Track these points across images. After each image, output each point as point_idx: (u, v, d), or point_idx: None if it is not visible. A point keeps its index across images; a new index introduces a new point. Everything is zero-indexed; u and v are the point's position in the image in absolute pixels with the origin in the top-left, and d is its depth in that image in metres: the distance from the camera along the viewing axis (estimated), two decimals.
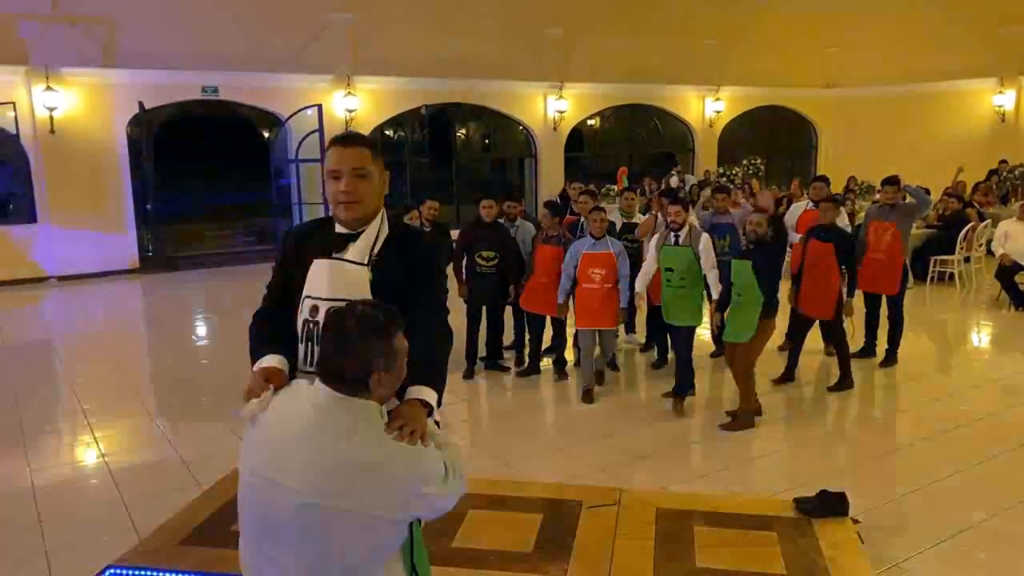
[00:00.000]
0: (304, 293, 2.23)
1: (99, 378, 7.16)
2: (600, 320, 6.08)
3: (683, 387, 5.81)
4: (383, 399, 1.92)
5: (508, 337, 7.18)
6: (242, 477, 1.96)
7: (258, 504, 1.90)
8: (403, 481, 1.85)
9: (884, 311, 6.87)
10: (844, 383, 6.20)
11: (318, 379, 1.89)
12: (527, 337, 6.96)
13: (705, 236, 5.75)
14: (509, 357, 7.15)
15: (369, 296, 2.16)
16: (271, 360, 2.11)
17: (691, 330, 5.82)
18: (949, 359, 7.64)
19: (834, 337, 6.42)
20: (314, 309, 2.20)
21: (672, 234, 5.73)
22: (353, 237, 2.23)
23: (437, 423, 2.09)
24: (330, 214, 2.32)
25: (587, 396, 6.09)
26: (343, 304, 1.92)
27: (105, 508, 4.39)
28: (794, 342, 6.52)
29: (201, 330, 9.65)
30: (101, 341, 8.86)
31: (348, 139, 2.24)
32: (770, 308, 5.28)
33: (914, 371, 6.72)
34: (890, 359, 6.81)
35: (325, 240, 2.26)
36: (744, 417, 5.45)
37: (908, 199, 6.96)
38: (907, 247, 6.91)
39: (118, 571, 3.38)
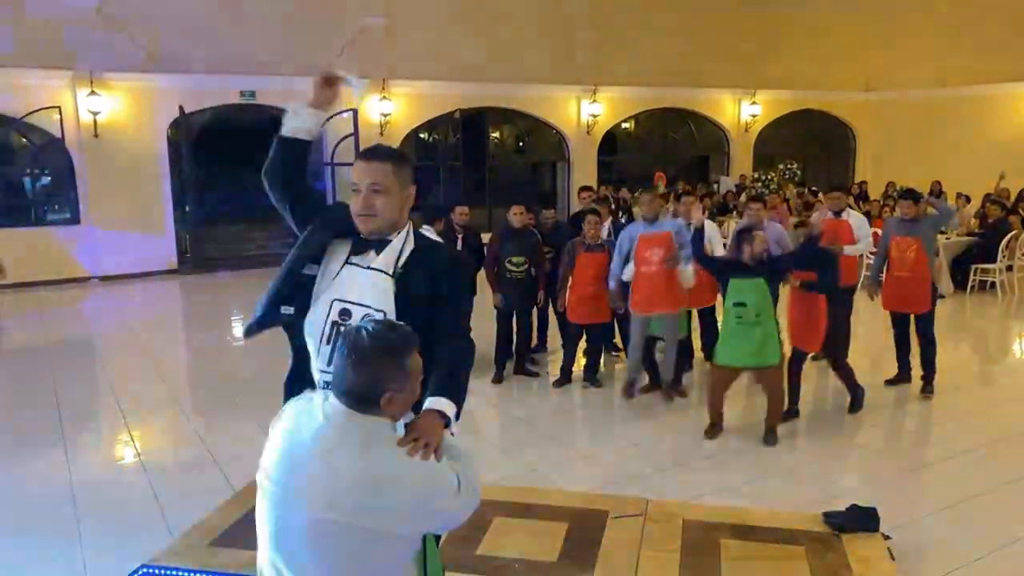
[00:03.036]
0: (332, 295, 2.26)
1: (137, 377, 7.32)
2: (660, 304, 5.84)
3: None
4: (395, 418, 1.94)
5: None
6: (259, 480, 1.99)
7: (273, 511, 1.93)
8: (416, 497, 1.85)
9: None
10: (856, 404, 5.90)
11: (332, 394, 1.92)
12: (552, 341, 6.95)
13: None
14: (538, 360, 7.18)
15: (392, 306, 2.20)
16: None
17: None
18: (988, 370, 7.48)
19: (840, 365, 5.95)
20: (345, 312, 2.23)
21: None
22: (374, 244, 2.28)
23: (452, 433, 2.11)
24: None
25: (629, 389, 6.06)
26: (363, 321, 1.95)
27: (140, 507, 4.49)
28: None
29: (236, 331, 9.80)
30: (139, 340, 9.06)
31: (370, 154, 2.28)
32: None
33: (952, 383, 6.53)
34: (928, 385, 6.29)
35: (348, 237, 2.30)
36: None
37: (930, 211, 6.64)
38: (933, 260, 6.46)
39: (151, 570, 3.46)
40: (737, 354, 5.19)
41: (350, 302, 2.23)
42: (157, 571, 3.46)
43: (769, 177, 15.83)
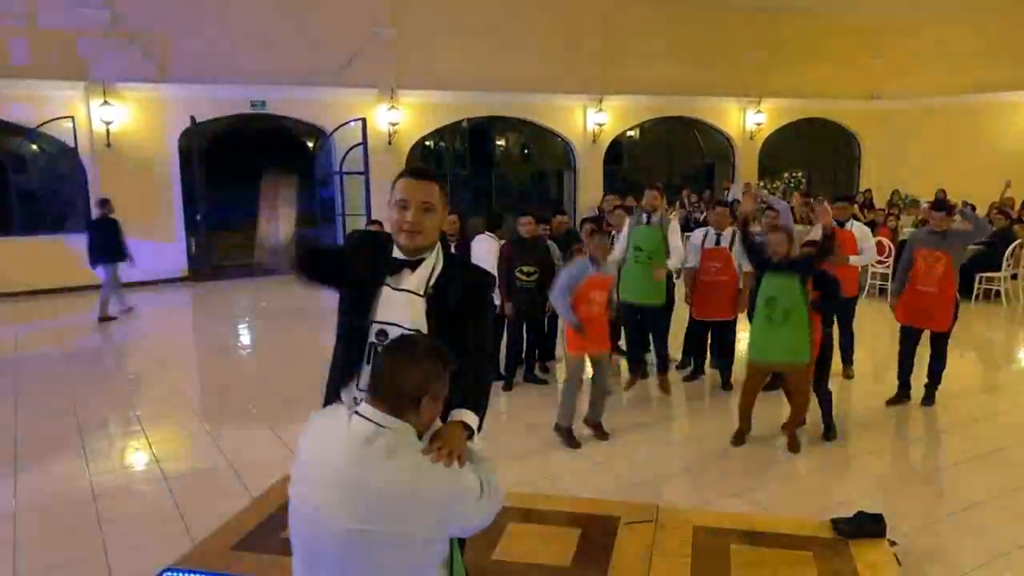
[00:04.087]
0: (370, 318, 2.35)
1: (152, 384, 7.43)
2: (597, 344, 5.64)
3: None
4: (424, 427, 2.01)
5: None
6: (290, 493, 2.06)
7: (304, 525, 2.01)
8: (441, 503, 1.93)
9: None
10: (830, 432, 5.63)
11: (363, 403, 1.98)
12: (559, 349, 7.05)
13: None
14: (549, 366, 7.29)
15: (425, 324, 2.31)
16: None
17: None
18: (993, 378, 7.54)
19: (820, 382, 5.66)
20: (381, 333, 2.33)
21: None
22: (409, 264, 2.36)
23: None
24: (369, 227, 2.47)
25: (569, 437, 5.60)
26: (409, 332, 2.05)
27: (160, 512, 4.58)
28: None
29: (247, 338, 9.91)
30: (152, 347, 9.17)
31: (421, 172, 2.37)
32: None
33: (957, 391, 6.59)
34: (929, 397, 6.23)
35: (384, 261, 2.38)
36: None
37: (961, 223, 6.39)
38: (957, 276, 6.12)
39: (174, 574, 3.55)
40: (768, 350, 5.28)
41: (387, 323, 2.34)
42: (179, 574, 3.55)
43: (774, 185, 15.89)
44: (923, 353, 6.26)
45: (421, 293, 2.34)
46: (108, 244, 10.17)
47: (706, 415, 6.40)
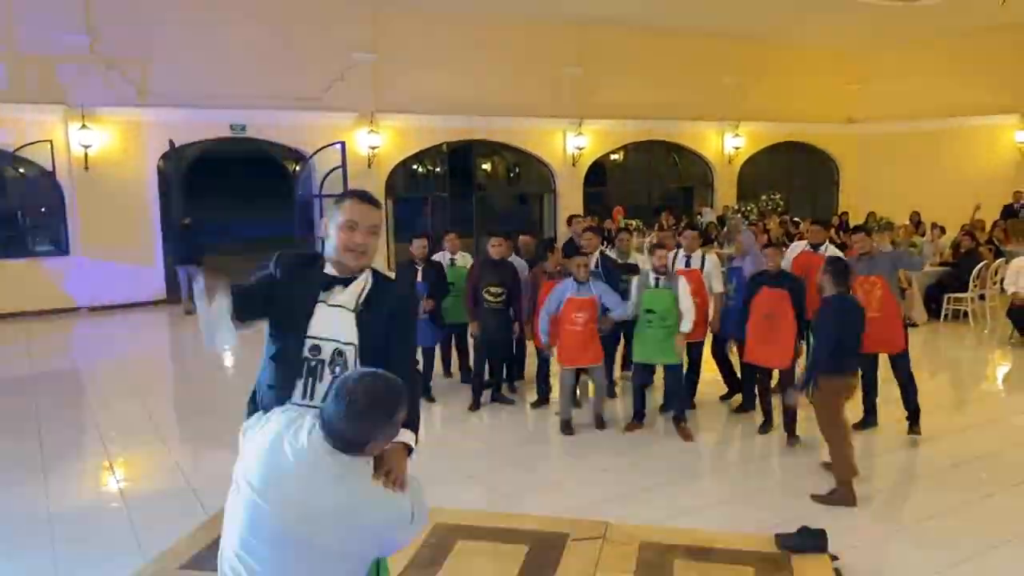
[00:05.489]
0: (305, 332, 2.41)
1: (121, 408, 7.40)
2: (582, 359, 6.26)
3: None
4: (373, 455, 2.13)
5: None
6: (237, 479, 2.14)
7: (247, 512, 2.08)
8: (378, 530, 2.08)
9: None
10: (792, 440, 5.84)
11: (318, 424, 2.07)
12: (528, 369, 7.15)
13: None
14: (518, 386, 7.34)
15: (357, 338, 2.39)
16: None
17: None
18: (958, 397, 7.62)
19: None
20: (315, 348, 2.41)
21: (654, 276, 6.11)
22: (340, 281, 2.44)
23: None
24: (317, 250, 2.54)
25: (566, 428, 6.27)
26: (360, 371, 2.13)
27: (116, 534, 4.57)
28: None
29: (221, 361, 9.90)
30: (125, 370, 9.15)
31: (369, 198, 2.48)
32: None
33: (923, 409, 6.56)
34: (915, 425, 6.03)
35: (315, 278, 2.45)
36: (841, 491, 4.86)
37: (887, 246, 6.55)
38: (900, 296, 6.21)
39: None
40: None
41: (320, 338, 2.41)
42: None
43: (749, 208, 16.07)
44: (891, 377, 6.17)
45: (352, 308, 2.42)
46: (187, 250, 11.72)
47: (664, 435, 6.42)
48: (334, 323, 2.40)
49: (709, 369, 6.98)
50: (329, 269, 2.46)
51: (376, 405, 2.01)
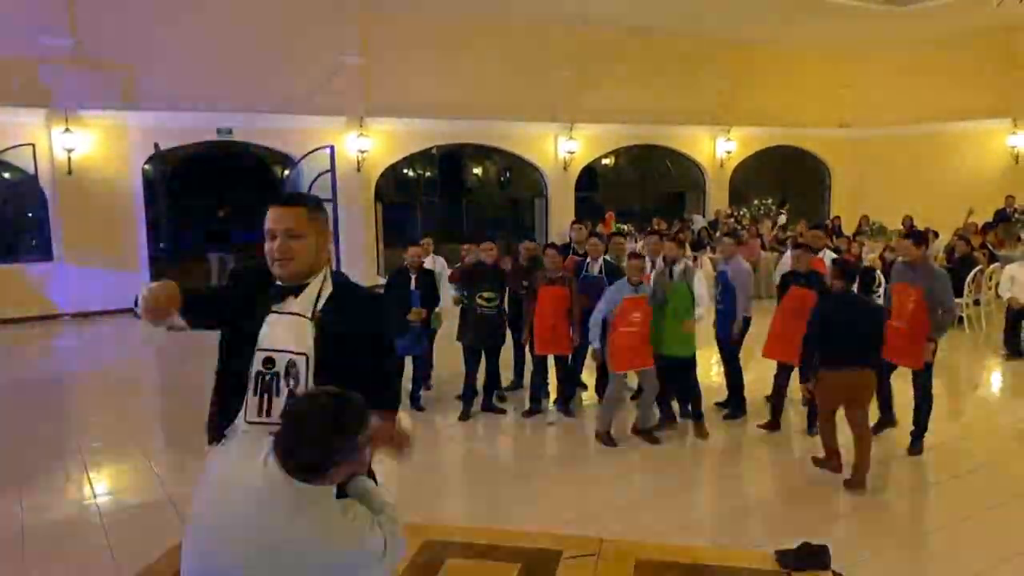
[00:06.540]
0: (256, 346, 2.29)
1: (102, 417, 7.23)
2: (638, 361, 6.03)
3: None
4: (336, 482, 1.93)
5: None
6: (193, 512, 1.98)
7: (198, 546, 1.92)
8: (344, 567, 1.85)
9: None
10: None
11: (273, 454, 1.86)
12: (526, 378, 6.99)
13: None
14: (509, 397, 7.17)
15: (312, 348, 2.24)
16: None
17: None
18: (953, 405, 7.51)
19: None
20: (268, 361, 2.27)
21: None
22: (293, 290, 2.33)
23: (375, 478, 2.13)
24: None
25: (608, 439, 6.06)
26: (313, 391, 1.97)
27: (90, 548, 4.41)
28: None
29: (204, 369, 9.72)
30: (107, 378, 8.96)
31: (286, 199, 2.37)
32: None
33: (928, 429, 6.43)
34: (916, 444, 5.80)
35: (266, 290, 2.36)
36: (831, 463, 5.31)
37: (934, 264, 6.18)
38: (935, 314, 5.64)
39: None
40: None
41: (273, 350, 2.27)
42: None
43: (741, 212, 16.00)
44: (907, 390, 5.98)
45: (309, 316, 2.30)
46: None
47: (662, 447, 6.29)
48: (288, 332, 2.29)
49: (705, 376, 6.87)
50: (279, 279, 2.36)
51: (329, 428, 1.82)
